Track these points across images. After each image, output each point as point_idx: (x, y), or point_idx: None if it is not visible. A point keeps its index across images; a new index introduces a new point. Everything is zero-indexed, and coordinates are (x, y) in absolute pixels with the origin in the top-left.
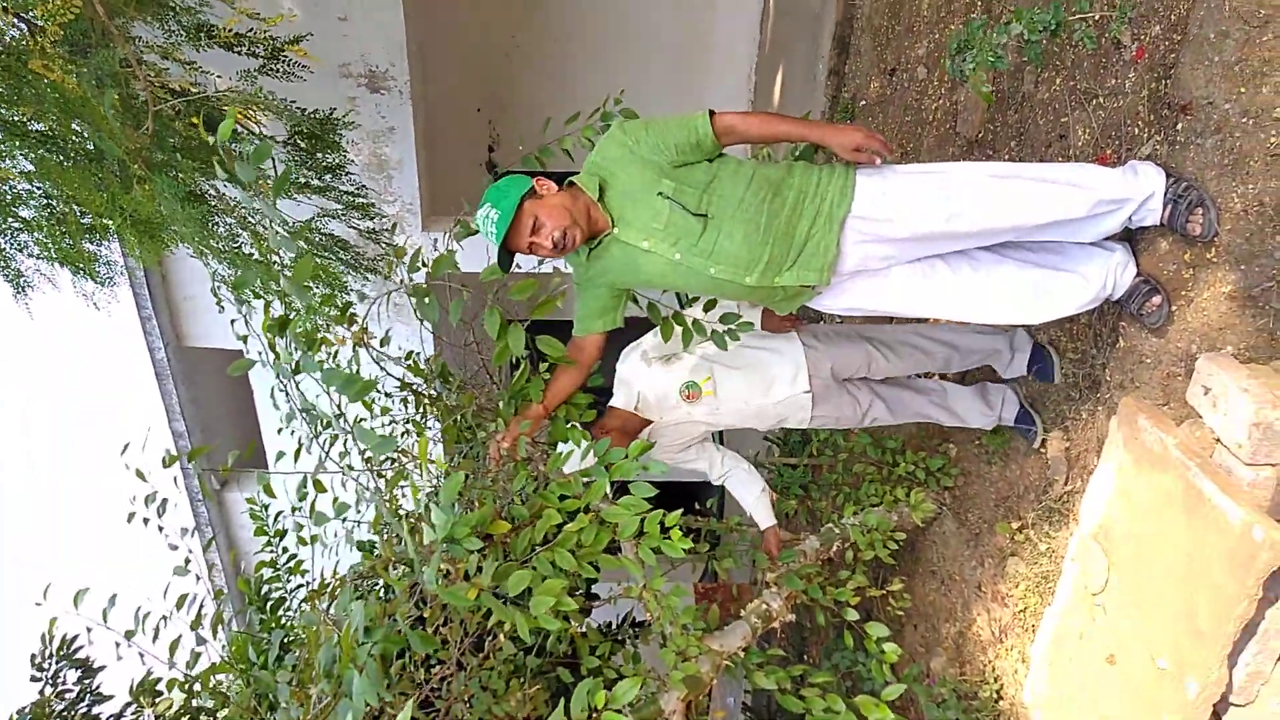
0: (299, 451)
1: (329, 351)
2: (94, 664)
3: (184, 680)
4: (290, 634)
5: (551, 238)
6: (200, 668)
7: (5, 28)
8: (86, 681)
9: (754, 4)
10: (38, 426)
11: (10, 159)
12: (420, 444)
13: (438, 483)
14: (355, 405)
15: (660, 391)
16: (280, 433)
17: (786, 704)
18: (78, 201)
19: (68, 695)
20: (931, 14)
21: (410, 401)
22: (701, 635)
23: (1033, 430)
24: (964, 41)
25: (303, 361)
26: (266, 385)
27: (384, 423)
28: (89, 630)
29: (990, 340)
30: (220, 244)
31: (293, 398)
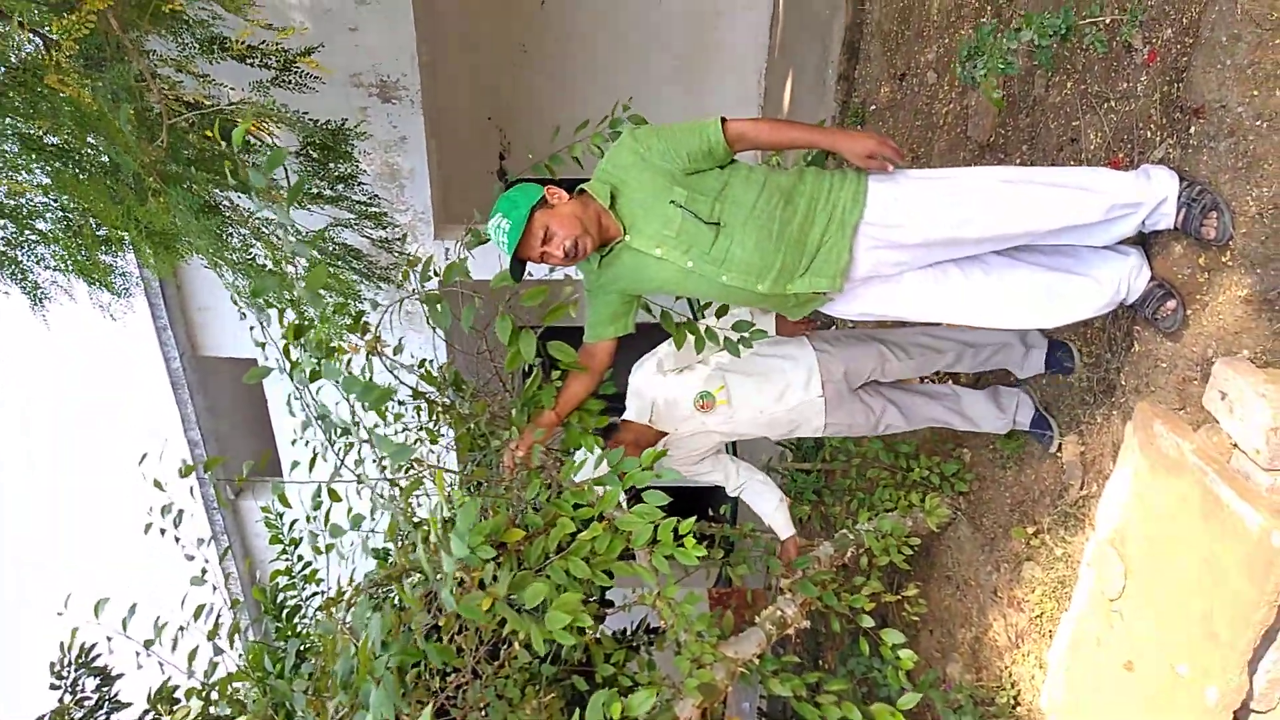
0: (314, 461)
1: (343, 360)
2: (112, 672)
3: (201, 688)
4: (306, 642)
5: (563, 247)
6: (217, 677)
7: (22, 43)
8: (105, 689)
9: (763, 10)
10: (56, 435)
11: (27, 172)
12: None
13: (452, 489)
14: (369, 413)
15: (674, 402)
16: (294, 444)
17: (802, 711)
18: (93, 214)
19: (86, 703)
20: (941, 19)
21: (424, 410)
22: (716, 642)
23: (1049, 434)
24: (974, 47)
25: (323, 368)
26: (281, 394)
27: (396, 430)
28: (109, 640)
29: (1001, 334)
30: (234, 255)
31: (308, 406)
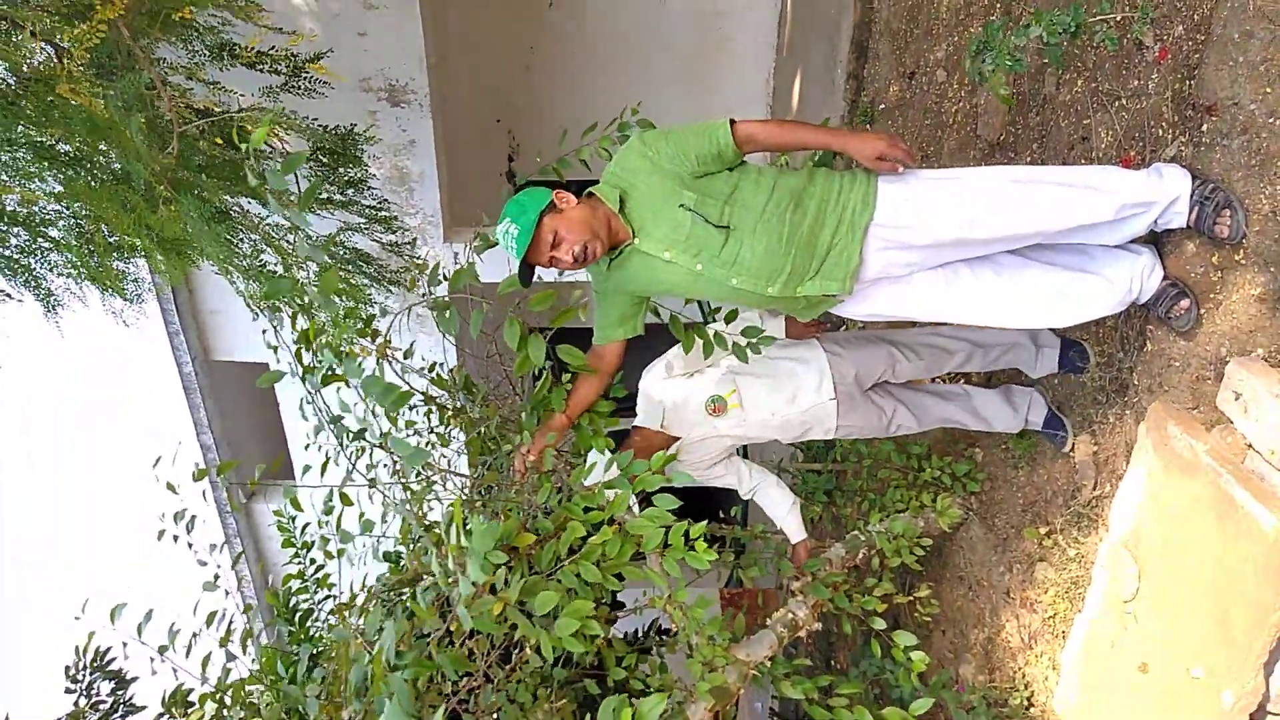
0: (325, 465)
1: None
2: (127, 675)
3: (215, 691)
4: (318, 645)
5: (572, 252)
6: (230, 682)
7: (34, 52)
8: (119, 693)
9: (771, 9)
10: (72, 440)
11: (40, 180)
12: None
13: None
14: (379, 418)
15: (685, 406)
16: (307, 448)
17: (814, 714)
18: (105, 221)
19: (101, 706)
20: (950, 17)
21: (434, 414)
22: (728, 645)
23: (1061, 434)
24: (983, 42)
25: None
26: (293, 397)
27: (406, 434)
28: (125, 645)
29: (1011, 333)
30: (245, 261)
31: (320, 410)
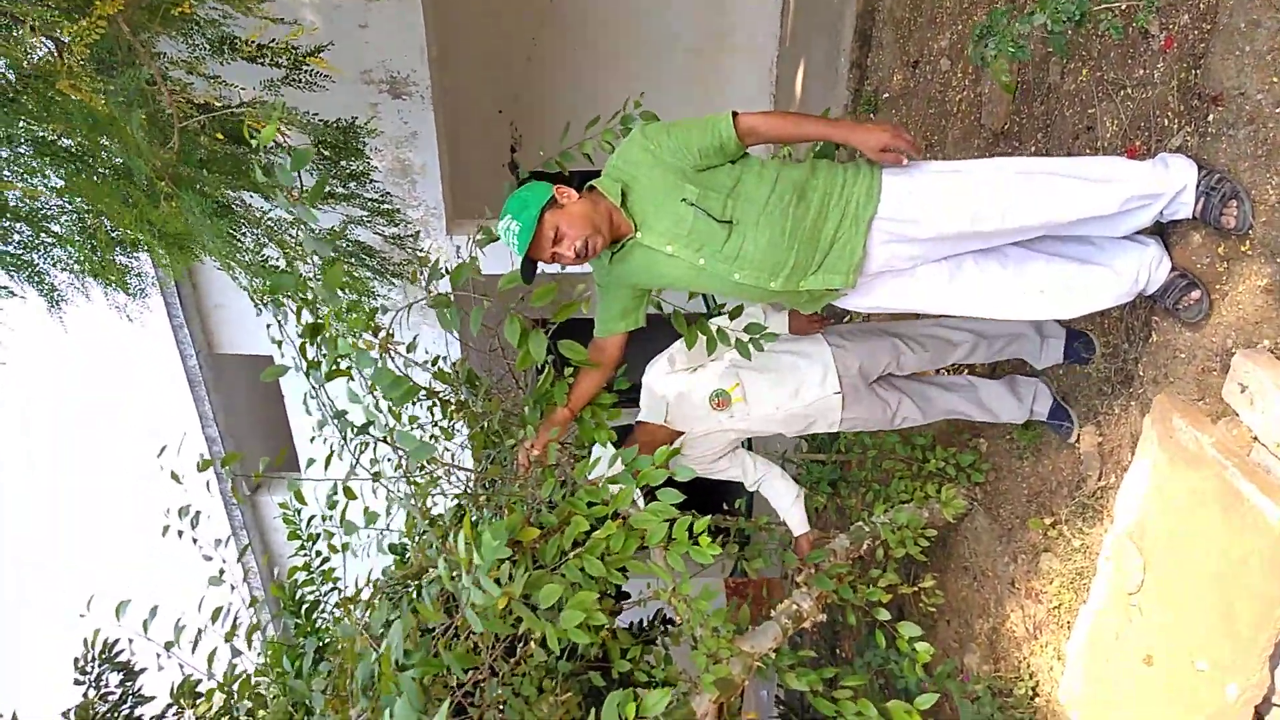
0: (329, 459)
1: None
2: (135, 666)
3: (222, 684)
4: (324, 638)
5: (574, 247)
6: (236, 676)
7: (34, 48)
8: (128, 684)
9: None
10: (79, 435)
11: (42, 176)
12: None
13: (468, 487)
14: (385, 413)
15: (689, 400)
16: (312, 441)
17: (819, 706)
18: (107, 216)
19: (110, 697)
20: (954, 4)
21: (436, 407)
22: (732, 637)
23: (1067, 425)
24: (986, 28)
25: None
26: (298, 390)
27: (409, 428)
28: (130, 642)
29: (1014, 324)
30: (247, 256)
31: (324, 405)
